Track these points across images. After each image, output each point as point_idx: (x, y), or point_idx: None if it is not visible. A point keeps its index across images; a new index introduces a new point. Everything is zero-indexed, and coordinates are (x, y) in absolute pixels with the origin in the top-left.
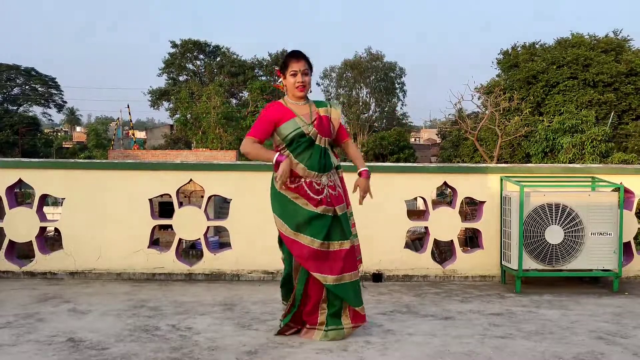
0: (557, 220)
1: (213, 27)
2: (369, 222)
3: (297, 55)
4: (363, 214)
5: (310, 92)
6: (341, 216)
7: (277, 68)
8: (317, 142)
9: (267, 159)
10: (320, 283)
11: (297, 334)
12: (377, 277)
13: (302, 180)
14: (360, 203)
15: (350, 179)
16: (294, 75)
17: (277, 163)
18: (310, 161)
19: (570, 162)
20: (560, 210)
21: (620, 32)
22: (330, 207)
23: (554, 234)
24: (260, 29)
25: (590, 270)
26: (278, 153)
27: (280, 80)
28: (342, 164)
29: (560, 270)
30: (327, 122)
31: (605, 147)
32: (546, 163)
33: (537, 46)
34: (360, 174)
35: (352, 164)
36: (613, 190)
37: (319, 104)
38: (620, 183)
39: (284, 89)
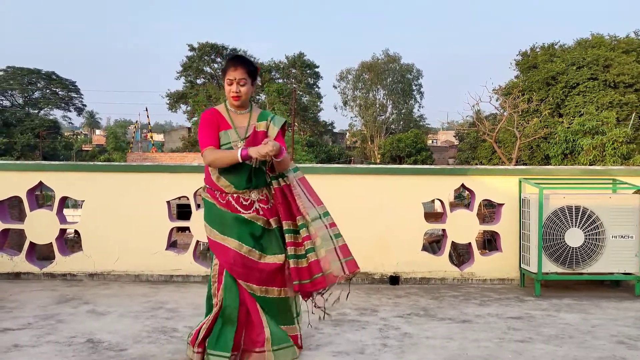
0: (577, 223)
1: (230, 30)
2: (386, 225)
3: (235, 62)
4: (380, 217)
5: (254, 100)
6: (276, 229)
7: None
8: (246, 162)
9: (232, 159)
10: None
11: None
12: (394, 280)
13: (229, 195)
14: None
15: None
16: (230, 84)
17: (244, 158)
18: (237, 179)
19: (590, 164)
20: (580, 213)
21: None
22: (261, 217)
23: (574, 237)
24: (277, 32)
25: (611, 273)
26: (240, 149)
27: None
28: (305, 165)
29: (581, 273)
30: (262, 139)
31: (627, 148)
32: (566, 165)
33: (556, 47)
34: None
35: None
36: (634, 193)
37: (262, 115)
38: None
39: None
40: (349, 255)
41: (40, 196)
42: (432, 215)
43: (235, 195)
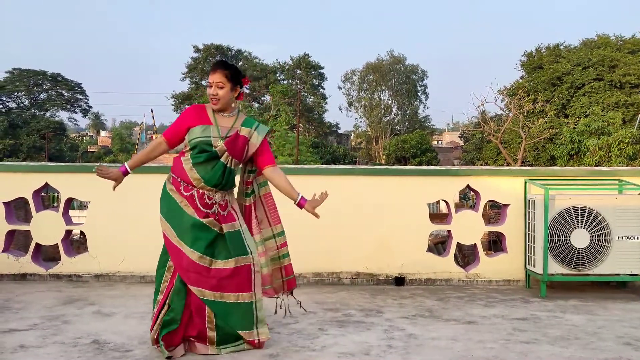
0: (583, 224)
1: (235, 32)
2: (391, 226)
3: (215, 66)
4: (385, 218)
5: (236, 105)
6: (227, 234)
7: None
8: (221, 159)
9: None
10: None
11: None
12: (399, 281)
13: (195, 189)
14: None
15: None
16: (210, 87)
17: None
18: (209, 175)
19: (596, 165)
20: (586, 214)
21: None
22: (217, 223)
23: (580, 238)
24: (281, 34)
25: (618, 274)
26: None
27: None
28: (310, 167)
29: (587, 274)
30: (242, 144)
31: (633, 149)
32: (571, 166)
33: (561, 47)
34: (300, 204)
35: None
36: None
37: (247, 122)
38: None
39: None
40: (291, 274)
41: (46, 197)
42: (437, 216)
43: (200, 191)
